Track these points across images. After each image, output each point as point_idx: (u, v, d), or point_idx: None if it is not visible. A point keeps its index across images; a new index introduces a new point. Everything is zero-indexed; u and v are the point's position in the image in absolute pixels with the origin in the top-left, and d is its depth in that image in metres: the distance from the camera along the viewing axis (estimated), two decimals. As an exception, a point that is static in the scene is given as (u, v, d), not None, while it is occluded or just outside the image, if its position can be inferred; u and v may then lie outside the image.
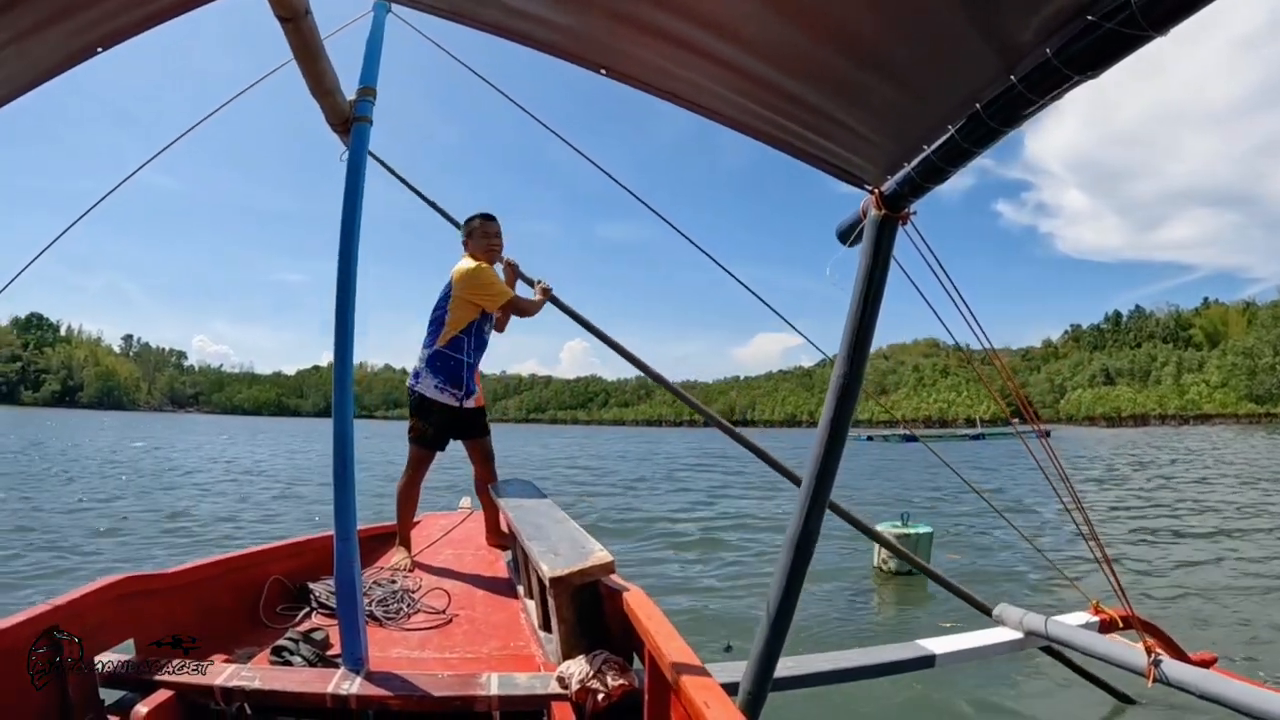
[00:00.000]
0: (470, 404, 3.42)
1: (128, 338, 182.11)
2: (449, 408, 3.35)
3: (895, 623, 4.69)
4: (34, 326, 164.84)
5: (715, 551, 7.19)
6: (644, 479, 15.92)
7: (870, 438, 43.83)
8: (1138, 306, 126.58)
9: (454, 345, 3.33)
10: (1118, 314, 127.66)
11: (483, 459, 3.51)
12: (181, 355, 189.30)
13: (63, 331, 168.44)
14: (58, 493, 10.52)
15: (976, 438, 46.04)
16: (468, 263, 3.34)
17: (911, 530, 5.79)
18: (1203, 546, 7.24)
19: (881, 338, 1.60)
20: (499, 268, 3.51)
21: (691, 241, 2.67)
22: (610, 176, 2.85)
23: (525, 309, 3.42)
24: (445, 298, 3.33)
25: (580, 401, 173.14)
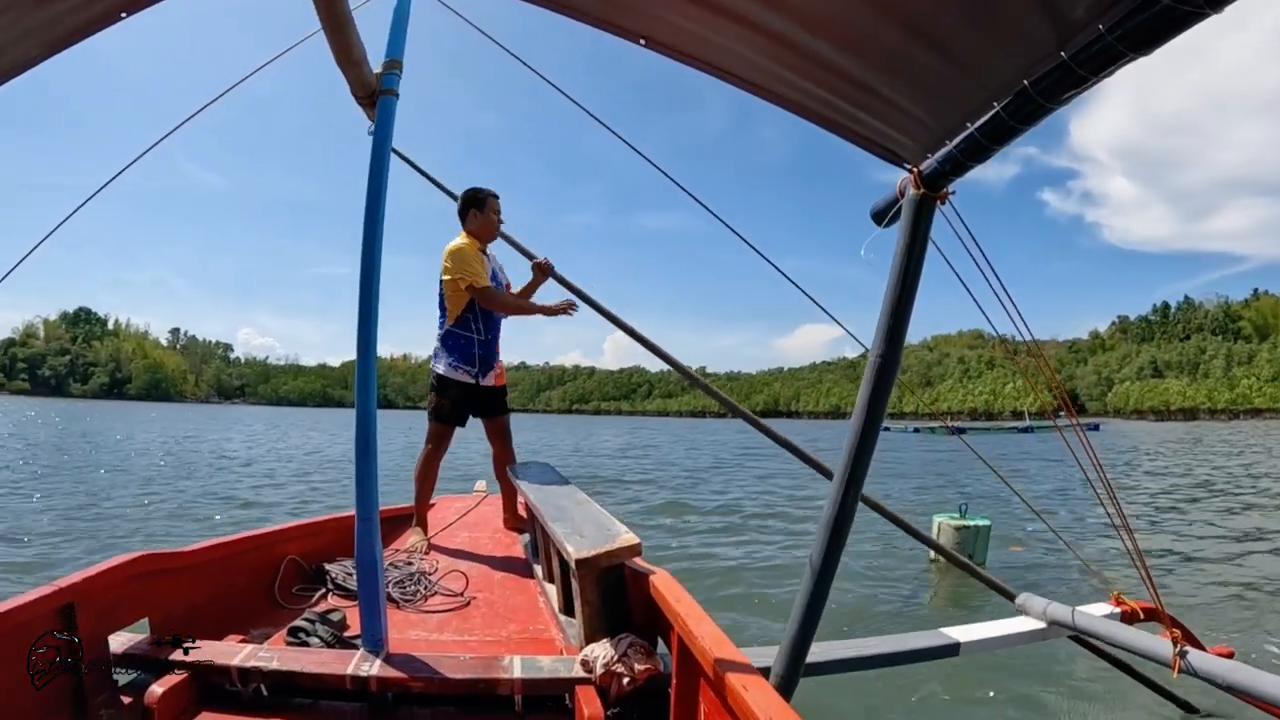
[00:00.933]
0: (488, 381, 3.42)
1: (175, 331, 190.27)
2: (465, 384, 3.37)
3: (947, 615, 4.57)
4: (82, 320, 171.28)
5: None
6: (717, 466, 15.96)
7: (917, 430, 43.53)
8: (1186, 298, 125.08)
9: (461, 324, 3.34)
10: (1166, 305, 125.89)
11: (501, 437, 3.53)
12: (228, 348, 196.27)
13: (110, 325, 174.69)
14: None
15: (1025, 430, 44.72)
16: (457, 240, 3.34)
17: (970, 522, 5.73)
18: (1241, 543, 7.08)
19: (925, 329, 1.56)
20: (495, 256, 3.48)
21: (730, 226, 2.58)
22: (644, 156, 2.78)
23: (495, 302, 3.30)
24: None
25: (624, 393, 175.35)
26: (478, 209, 3.37)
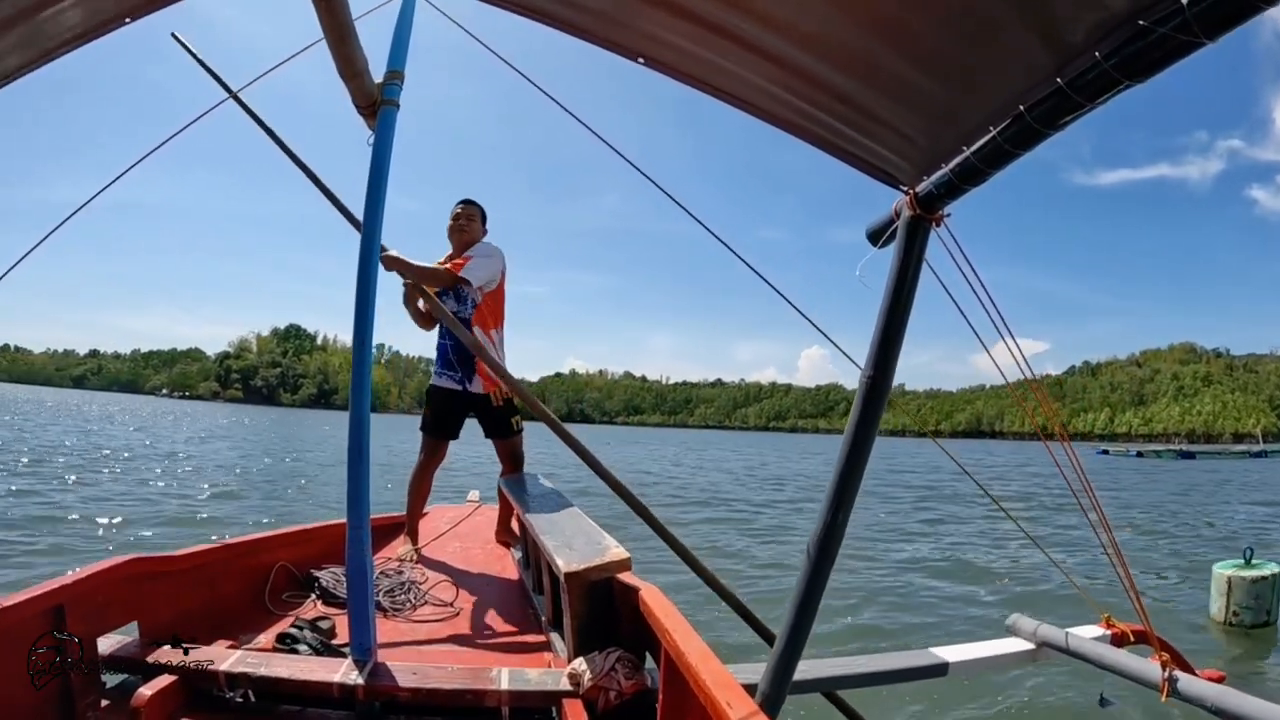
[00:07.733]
0: (475, 387, 3.29)
1: (380, 346, 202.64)
2: (449, 392, 3.31)
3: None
4: (293, 336, 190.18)
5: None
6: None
7: (1140, 453, 40.55)
8: None
9: (440, 329, 3.33)
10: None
11: (510, 460, 3.39)
12: (430, 362, 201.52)
13: (319, 340, 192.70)
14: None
15: (1259, 455, 41.42)
16: None
17: (1264, 571, 4.71)
18: None
19: (1133, 343, 1.49)
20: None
21: (732, 248, 2.57)
22: (651, 178, 2.76)
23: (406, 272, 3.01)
24: None
25: (821, 410, 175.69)
26: None
